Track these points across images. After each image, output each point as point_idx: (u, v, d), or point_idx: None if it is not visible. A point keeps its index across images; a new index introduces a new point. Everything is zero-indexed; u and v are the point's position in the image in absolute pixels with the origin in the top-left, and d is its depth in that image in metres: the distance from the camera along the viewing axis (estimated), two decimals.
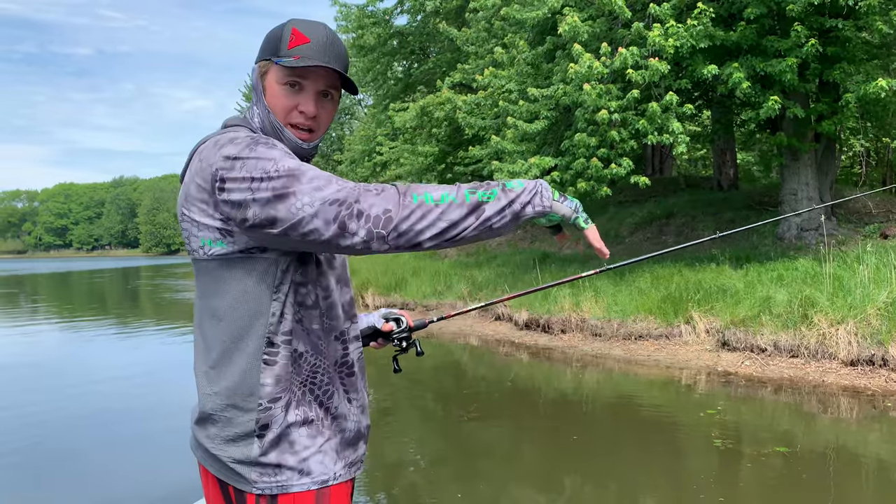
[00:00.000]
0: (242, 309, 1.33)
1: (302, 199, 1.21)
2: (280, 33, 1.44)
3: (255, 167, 1.25)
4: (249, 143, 1.30)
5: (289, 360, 1.35)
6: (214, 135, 1.41)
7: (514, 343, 10.65)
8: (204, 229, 1.33)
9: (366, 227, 1.21)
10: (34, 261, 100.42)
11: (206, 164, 1.31)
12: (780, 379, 7.35)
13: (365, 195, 1.22)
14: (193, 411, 1.44)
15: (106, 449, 5.77)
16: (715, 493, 4.37)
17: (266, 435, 1.32)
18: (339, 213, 1.21)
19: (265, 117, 1.45)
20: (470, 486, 4.66)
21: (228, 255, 1.33)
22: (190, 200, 1.35)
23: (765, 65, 9.89)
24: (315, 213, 1.20)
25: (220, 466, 1.35)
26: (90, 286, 32.84)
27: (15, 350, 11.52)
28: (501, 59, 13.64)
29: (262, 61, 1.46)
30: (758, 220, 12.96)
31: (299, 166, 1.26)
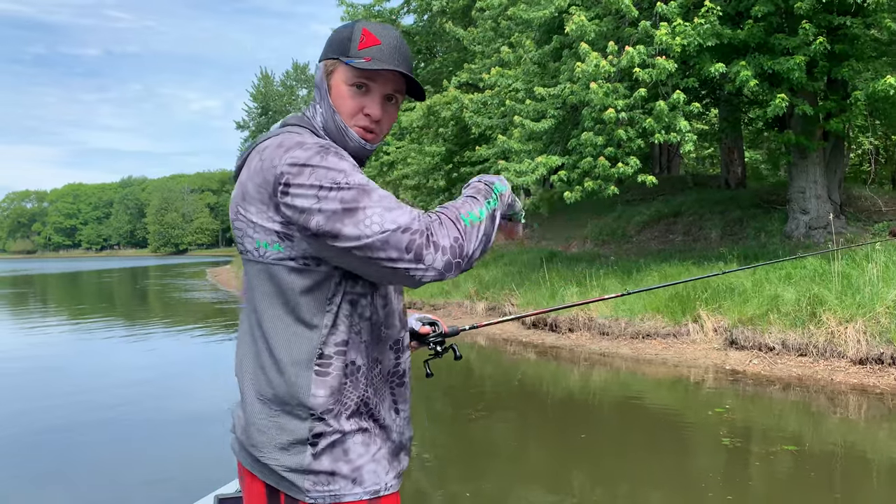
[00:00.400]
0: (294, 318, 1.31)
1: (371, 216, 1.20)
2: (350, 33, 1.42)
3: (324, 176, 1.23)
4: (320, 151, 1.27)
5: (342, 372, 1.32)
6: (276, 134, 1.38)
7: (522, 342, 10.66)
8: (260, 231, 1.31)
9: (443, 258, 1.22)
10: (44, 261, 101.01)
11: (269, 165, 1.28)
12: (789, 377, 7.33)
13: (432, 225, 1.22)
14: (236, 416, 1.41)
15: (117, 446, 5.81)
16: (723, 492, 4.37)
17: (319, 443, 1.30)
18: (412, 241, 1.20)
19: (329, 117, 1.43)
20: (478, 484, 4.68)
21: (283, 260, 1.30)
22: (248, 200, 1.32)
23: (772, 63, 9.86)
24: (386, 239, 1.19)
25: (271, 473, 1.32)
26: (99, 286, 33.02)
27: (27, 350, 11.60)
28: (508, 59, 13.65)
29: (329, 60, 1.43)
30: (765, 219, 12.94)
31: (369, 182, 1.24)
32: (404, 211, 1.22)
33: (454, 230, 1.24)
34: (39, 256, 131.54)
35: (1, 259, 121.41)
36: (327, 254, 1.27)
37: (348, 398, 1.32)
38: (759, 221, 12.89)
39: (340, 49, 1.41)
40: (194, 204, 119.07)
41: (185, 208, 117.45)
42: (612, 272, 11.73)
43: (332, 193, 1.21)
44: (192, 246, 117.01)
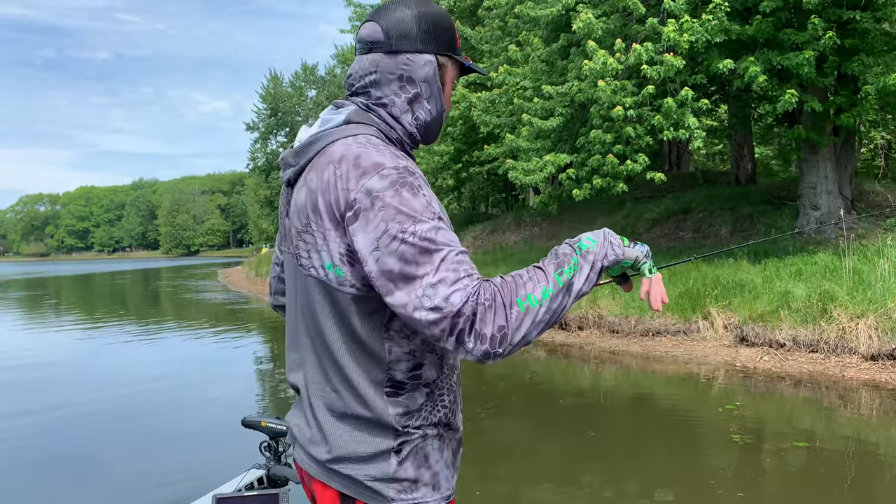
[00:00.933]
0: (362, 343, 1.27)
1: (426, 291, 1.14)
2: (451, 27, 1.38)
3: (392, 219, 1.16)
4: (395, 183, 1.18)
5: (420, 390, 1.29)
6: (344, 135, 1.29)
7: None
8: (326, 250, 1.25)
9: (482, 348, 1.15)
10: (57, 263, 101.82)
11: (344, 186, 1.20)
12: (800, 374, 7.31)
13: (479, 310, 1.14)
14: (297, 427, 1.38)
15: (127, 444, 5.87)
16: (734, 489, 4.37)
17: (403, 451, 1.28)
18: (455, 325, 1.14)
19: (438, 115, 1.39)
20: (488, 483, 4.69)
21: (344, 284, 1.24)
22: (318, 213, 1.25)
23: (781, 58, 9.82)
24: (433, 320, 1.14)
25: (350, 483, 1.28)
26: (112, 288, 33.25)
27: (42, 351, 11.71)
28: (516, 57, 13.65)
29: (443, 56, 1.37)
30: (775, 215, 12.87)
31: (434, 236, 1.17)
32: (460, 287, 1.14)
33: (502, 317, 1.15)
34: (52, 259, 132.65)
35: (14, 262, 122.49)
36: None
37: (430, 412, 1.31)
38: (770, 217, 12.83)
39: (450, 45, 1.37)
40: (205, 205, 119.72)
41: (196, 210, 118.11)
42: None
43: (394, 245, 1.15)
44: (204, 247, 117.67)
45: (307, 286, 1.31)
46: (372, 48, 1.35)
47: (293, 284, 1.38)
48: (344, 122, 1.32)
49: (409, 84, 1.34)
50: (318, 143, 1.30)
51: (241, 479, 2.17)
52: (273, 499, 1.98)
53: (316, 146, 1.30)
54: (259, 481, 2.16)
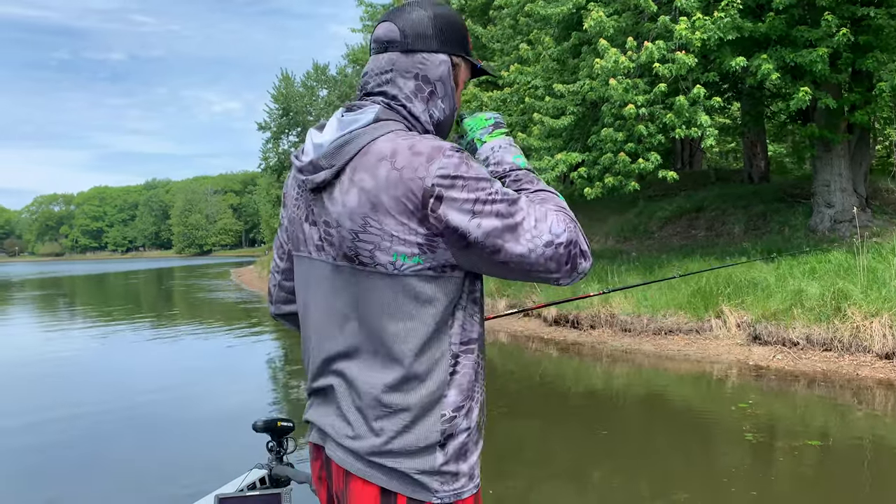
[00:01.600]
0: (430, 326, 1.28)
1: (532, 231, 1.24)
2: (463, 28, 1.41)
3: (476, 187, 1.22)
4: (464, 159, 1.24)
5: (472, 369, 1.33)
6: (383, 132, 1.30)
7: (544, 339, 10.68)
8: (400, 244, 1.24)
9: (589, 262, 1.30)
10: (71, 263, 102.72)
11: (413, 176, 1.21)
12: (813, 373, 7.28)
13: (577, 232, 1.29)
14: (330, 426, 1.36)
15: (139, 442, 5.94)
16: (747, 487, 4.37)
17: (448, 443, 1.30)
18: (570, 253, 1.26)
19: (450, 114, 1.41)
20: (500, 482, 4.71)
21: (422, 271, 1.26)
22: (382, 211, 1.24)
23: (795, 55, 9.77)
24: (550, 255, 1.24)
25: (395, 477, 1.29)
26: (126, 287, 33.52)
27: (55, 350, 11.84)
28: (527, 56, 13.64)
29: (456, 56, 1.40)
30: (789, 213, 12.80)
31: (508, 189, 1.27)
32: (557, 219, 1.27)
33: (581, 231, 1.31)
34: (67, 259, 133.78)
35: (30, 261, 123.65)
36: (472, 264, 1.27)
37: (477, 394, 1.34)
38: (783, 216, 12.77)
39: (462, 45, 1.40)
40: (217, 205, 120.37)
41: (209, 210, 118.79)
42: (633, 268, 11.70)
43: (488, 207, 1.22)
44: (216, 247, 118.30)
45: (363, 282, 1.29)
46: (388, 47, 1.37)
47: (319, 287, 1.36)
48: (374, 120, 1.32)
49: (424, 83, 1.36)
50: (353, 143, 1.29)
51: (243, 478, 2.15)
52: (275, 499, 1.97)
53: (352, 146, 1.29)
54: (261, 481, 2.15)
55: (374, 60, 1.39)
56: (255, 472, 2.16)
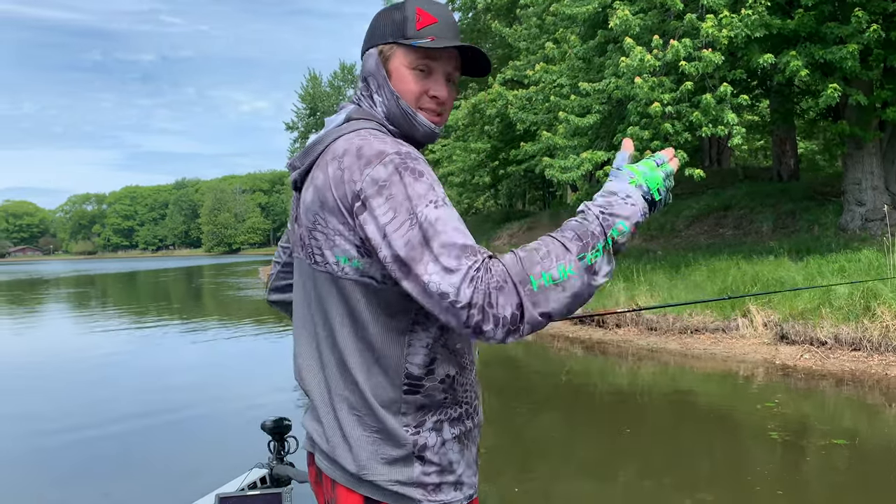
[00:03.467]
0: (377, 339, 1.25)
1: (431, 277, 1.11)
2: (403, 14, 1.34)
3: (398, 205, 1.15)
4: (398, 167, 1.18)
5: (436, 387, 1.28)
6: (348, 132, 1.30)
7: (569, 337, 10.69)
8: (343, 244, 1.23)
9: (503, 330, 1.09)
10: (103, 261, 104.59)
11: (349, 178, 1.20)
12: (841, 372, 7.22)
13: (492, 294, 1.08)
14: (313, 430, 1.37)
15: (154, 440, 6.09)
16: (773, 485, 4.37)
17: (426, 454, 1.27)
18: (471, 317, 1.09)
19: (393, 104, 1.34)
20: (527, 479, 4.77)
21: (364, 276, 1.23)
22: (328, 209, 1.24)
23: (824, 52, 9.67)
24: (445, 308, 1.10)
25: (376, 489, 1.27)
26: (156, 285, 34.09)
27: (84, 347, 12.13)
28: (553, 55, 13.65)
29: (385, 45, 1.35)
30: (818, 211, 12.64)
31: (435, 219, 1.14)
32: (461, 274, 1.09)
33: (515, 296, 1.09)
34: (99, 257, 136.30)
35: (64, 260, 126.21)
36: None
37: (447, 410, 1.30)
38: (813, 214, 12.62)
39: (396, 31, 1.33)
40: (246, 204, 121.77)
41: (238, 208, 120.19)
42: (659, 267, 11.66)
43: (402, 230, 1.13)
44: (245, 245, 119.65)
45: (325, 284, 1.28)
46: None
47: (303, 288, 1.36)
48: (345, 120, 1.34)
49: (363, 81, 1.39)
50: (321, 143, 1.31)
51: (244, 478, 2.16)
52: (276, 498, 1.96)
53: (319, 146, 1.31)
54: (262, 480, 2.16)
55: None
56: (256, 472, 2.17)
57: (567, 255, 1.12)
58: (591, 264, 1.13)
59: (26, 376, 9.25)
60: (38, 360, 10.60)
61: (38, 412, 7.10)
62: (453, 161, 21.51)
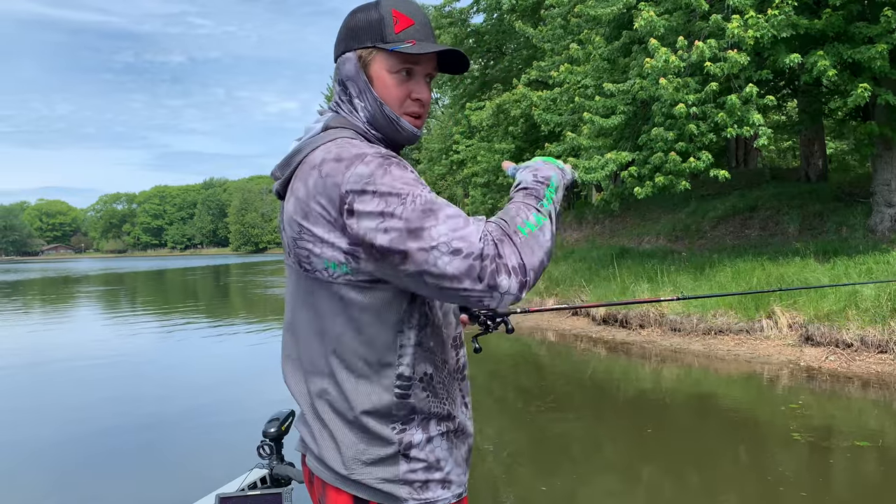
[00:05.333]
0: (365, 340, 1.27)
1: (439, 237, 1.13)
2: (379, 17, 1.33)
3: (389, 193, 1.17)
4: (382, 164, 1.20)
5: (419, 385, 1.30)
6: (324, 141, 1.30)
7: (592, 338, 10.72)
8: (330, 251, 1.24)
9: (517, 280, 1.14)
10: (133, 259, 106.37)
11: (332, 183, 1.21)
12: (867, 374, 7.17)
13: (500, 245, 1.15)
14: (304, 432, 1.39)
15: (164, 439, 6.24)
16: (796, 487, 4.38)
17: (411, 453, 1.29)
18: (484, 268, 1.12)
19: (377, 110, 1.34)
20: (551, 479, 4.83)
21: (352, 281, 1.24)
22: (312, 219, 1.24)
23: (853, 52, 9.58)
24: (457, 266, 1.12)
25: (364, 488, 1.29)
26: (184, 283, 34.61)
27: (123, 343, 12.41)
28: (577, 55, 13.66)
29: (363, 49, 1.34)
30: (847, 212, 12.50)
31: (435, 198, 1.18)
32: (472, 230, 1.14)
33: (514, 248, 1.16)
34: (129, 255, 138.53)
35: (95, 258, 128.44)
36: (395, 278, 1.21)
37: (430, 408, 1.31)
38: (841, 215, 12.47)
39: (375, 35, 1.32)
40: (273, 204, 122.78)
41: (264, 208, 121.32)
42: (684, 268, 11.63)
43: (399, 210, 1.15)
44: (271, 244, 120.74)
45: (315, 290, 1.29)
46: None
47: (293, 293, 1.38)
48: (323, 129, 1.33)
49: (341, 86, 1.38)
50: (300, 154, 1.31)
51: (244, 478, 2.17)
52: (276, 498, 1.98)
53: (298, 156, 1.31)
54: (262, 480, 2.17)
55: None
56: (257, 472, 2.18)
57: (530, 208, 1.24)
58: (549, 210, 1.26)
59: (39, 373, 9.51)
60: (61, 356, 10.87)
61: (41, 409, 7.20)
62: (478, 162, 21.57)
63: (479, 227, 1.16)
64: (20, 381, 8.84)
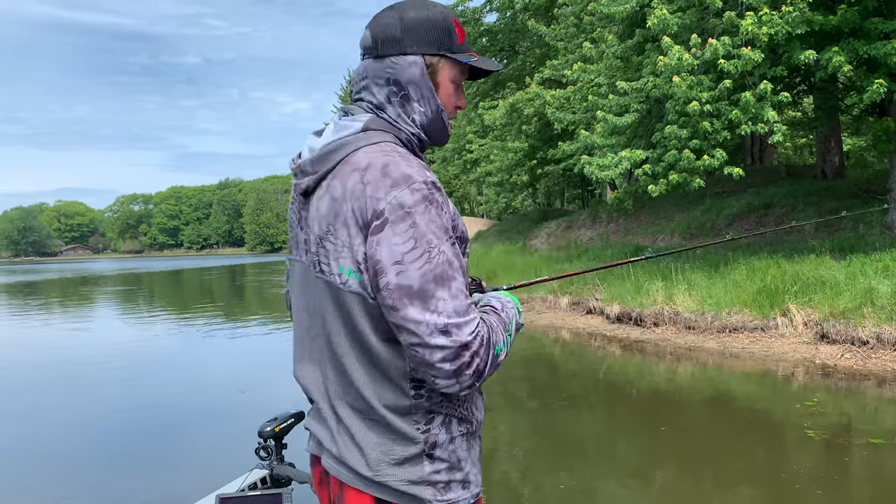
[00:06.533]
0: (380, 348, 1.26)
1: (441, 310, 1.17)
2: (446, 24, 1.34)
3: (420, 236, 1.18)
4: (425, 200, 1.20)
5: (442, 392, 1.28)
6: (366, 143, 1.29)
7: (606, 336, 10.72)
8: (348, 256, 1.24)
9: (470, 380, 1.20)
10: (150, 259, 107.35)
11: (372, 195, 1.20)
12: (884, 372, 7.14)
13: (483, 349, 1.20)
14: (319, 432, 1.38)
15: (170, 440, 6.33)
16: (811, 485, 4.38)
17: (435, 453, 1.29)
18: (459, 356, 1.17)
19: (436, 116, 1.36)
20: (565, 477, 4.86)
21: (362, 290, 1.24)
22: (340, 220, 1.25)
23: (868, 48, 9.52)
24: (441, 344, 1.16)
25: (387, 490, 1.29)
26: (201, 283, 34.90)
27: (140, 343, 12.57)
28: (590, 54, 13.66)
29: (433, 56, 1.34)
30: (864, 209, 12.41)
31: (453, 259, 1.20)
32: (470, 320, 1.19)
33: (487, 358, 1.22)
34: (146, 255, 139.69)
35: (112, 258, 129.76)
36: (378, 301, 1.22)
37: (453, 409, 1.32)
38: (856, 212, 12.38)
39: (443, 43, 1.33)
40: (287, 204, 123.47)
41: (279, 208, 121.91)
42: (698, 266, 11.60)
43: (419, 263, 1.17)
44: (286, 244, 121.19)
45: (325, 293, 1.30)
46: (365, 54, 1.37)
47: (304, 293, 1.37)
48: (362, 129, 1.31)
49: (396, 87, 1.33)
50: (339, 152, 1.29)
51: (245, 478, 2.17)
52: (276, 499, 1.97)
53: (337, 154, 1.29)
54: (262, 481, 2.17)
55: (358, 68, 1.40)
56: (257, 472, 2.18)
57: (504, 333, 1.31)
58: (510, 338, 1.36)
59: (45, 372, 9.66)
60: (69, 355, 11.03)
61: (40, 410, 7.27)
62: (491, 161, 21.60)
63: (475, 323, 1.20)
64: (21, 381, 8.96)
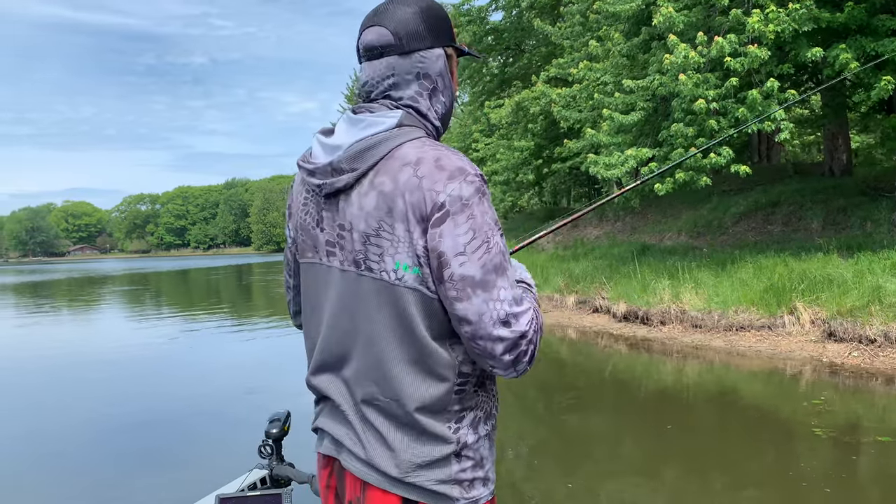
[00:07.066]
0: (428, 342, 1.26)
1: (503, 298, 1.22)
2: (447, 17, 1.40)
3: (479, 226, 1.22)
4: (479, 191, 1.24)
5: (478, 384, 1.32)
6: (408, 138, 1.29)
7: (613, 335, 10.72)
8: (405, 251, 1.24)
9: (525, 366, 1.26)
10: (157, 259, 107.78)
11: (429, 188, 1.21)
12: (891, 370, 7.11)
13: (537, 337, 1.26)
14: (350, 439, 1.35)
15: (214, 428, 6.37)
16: (819, 483, 4.37)
17: (464, 453, 1.30)
18: (517, 345, 1.23)
19: (451, 106, 1.41)
20: (572, 475, 4.87)
21: (420, 285, 1.24)
22: (395, 215, 1.24)
23: (876, 45, 9.48)
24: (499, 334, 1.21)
25: (416, 490, 1.29)
26: (208, 283, 35.01)
27: (146, 343, 12.63)
28: (596, 52, 13.64)
29: (450, 47, 1.39)
30: (871, 207, 12.36)
31: (506, 250, 1.25)
32: (527, 309, 1.25)
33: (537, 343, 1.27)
34: (153, 255, 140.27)
35: (119, 258, 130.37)
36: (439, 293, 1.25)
37: (485, 406, 1.34)
38: (865, 210, 12.33)
39: (451, 35, 1.39)
40: (287, 204, 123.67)
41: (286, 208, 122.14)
42: (705, 265, 11.57)
43: (479, 253, 1.21)
44: None
45: (372, 292, 1.27)
46: (384, 52, 1.34)
47: (324, 294, 1.36)
48: (397, 125, 1.30)
49: (426, 80, 1.35)
50: (379, 148, 1.27)
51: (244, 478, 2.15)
52: (276, 499, 1.96)
53: (378, 150, 1.27)
54: (262, 481, 2.15)
55: (371, 67, 1.36)
56: (256, 472, 2.16)
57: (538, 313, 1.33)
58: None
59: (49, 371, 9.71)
60: (69, 353, 11.09)
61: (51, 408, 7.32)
62: (497, 160, 21.59)
63: (531, 311, 1.25)
64: (27, 381, 9.01)
